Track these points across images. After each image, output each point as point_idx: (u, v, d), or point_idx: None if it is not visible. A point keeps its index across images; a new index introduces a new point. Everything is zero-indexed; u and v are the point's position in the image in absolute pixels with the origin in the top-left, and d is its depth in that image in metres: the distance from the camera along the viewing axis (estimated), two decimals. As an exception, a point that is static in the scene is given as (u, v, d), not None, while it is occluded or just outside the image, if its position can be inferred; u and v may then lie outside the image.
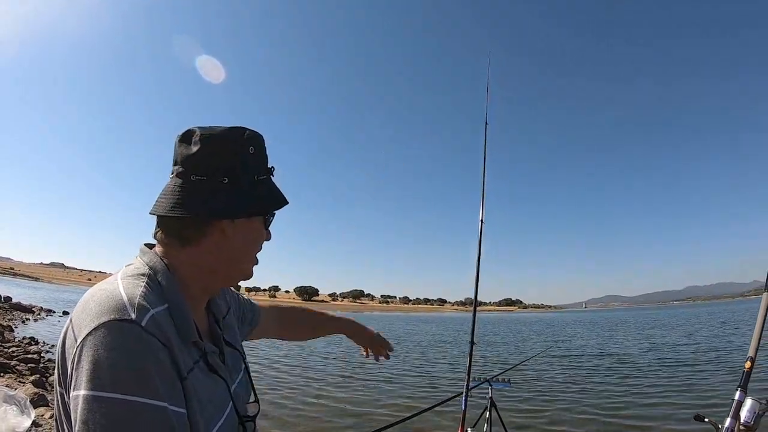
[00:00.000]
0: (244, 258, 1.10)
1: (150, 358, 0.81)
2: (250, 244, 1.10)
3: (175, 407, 0.83)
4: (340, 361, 12.65)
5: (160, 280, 0.96)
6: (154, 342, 0.83)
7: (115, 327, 0.81)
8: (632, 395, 7.65)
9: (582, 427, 5.82)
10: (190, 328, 0.96)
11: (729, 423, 1.63)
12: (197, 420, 0.90)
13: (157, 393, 0.80)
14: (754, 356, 1.71)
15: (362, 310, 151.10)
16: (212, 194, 1.00)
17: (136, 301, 0.86)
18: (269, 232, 1.15)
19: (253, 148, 1.05)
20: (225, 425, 1.00)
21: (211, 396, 0.98)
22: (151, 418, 0.78)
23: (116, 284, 0.91)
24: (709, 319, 35.60)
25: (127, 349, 0.80)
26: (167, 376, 0.83)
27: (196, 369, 0.94)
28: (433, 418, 5.72)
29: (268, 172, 1.10)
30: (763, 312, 1.76)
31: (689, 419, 1.78)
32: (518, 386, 8.50)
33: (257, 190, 1.05)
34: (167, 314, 0.91)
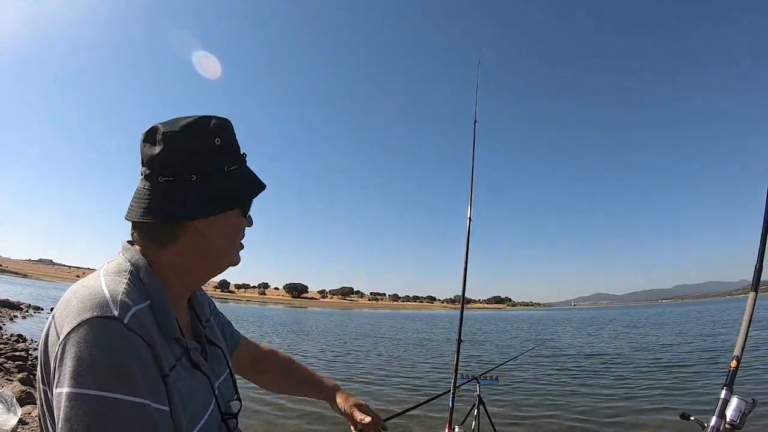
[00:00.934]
0: (225, 251, 1.08)
1: (132, 356, 0.81)
2: (230, 237, 1.07)
3: (158, 405, 0.83)
4: (330, 359, 12.63)
5: (142, 277, 0.95)
6: (137, 339, 0.83)
7: (97, 324, 0.80)
8: (619, 393, 7.70)
9: (568, 423, 5.85)
10: (172, 325, 0.95)
11: (715, 422, 1.64)
12: (180, 417, 0.89)
13: (139, 390, 0.79)
14: (740, 355, 1.72)
15: (351, 307, 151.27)
16: (182, 195, 0.97)
17: (118, 298, 0.85)
18: (250, 218, 1.13)
19: (220, 140, 1.02)
20: (208, 422, 1.00)
21: (194, 393, 0.97)
22: (132, 414, 0.78)
23: (98, 281, 0.90)
24: (698, 317, 35.88)
25: (110, 346, 0.79)
26: (149, 373, 0.83)
27: (178, 366, 0.94)
28: (422, 416, 5.72)
29: (239, 160, 1.06)
30: (750, 311, 1.77)
31: (675, 418, 1.78)
32: (506, 384, 8.54)
33: (228, 182, 1.02)
34: (149, 311, 0.91)
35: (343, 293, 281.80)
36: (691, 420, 1.72)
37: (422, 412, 5.53)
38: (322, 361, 11.79)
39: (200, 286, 1.17)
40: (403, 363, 12.06)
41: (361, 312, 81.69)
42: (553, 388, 8.25)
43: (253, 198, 1.09)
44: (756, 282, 1.79)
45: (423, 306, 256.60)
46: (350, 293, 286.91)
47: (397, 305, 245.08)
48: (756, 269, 1.80)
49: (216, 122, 1.02)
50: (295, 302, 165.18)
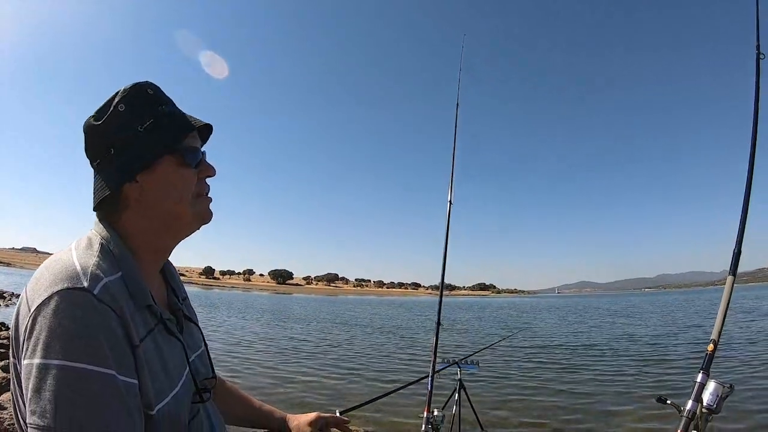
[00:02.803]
0: (176, 205, 1.05)
1: (101, 327, 0.82)
2: (173, 189, 1.05)
3: (125, 377, 0.84)
4: (313, 343, 12.62)
5: (112, 249, 0.97)
6: (106, 310, 0.84)
7: (67, 295, 0.82)
8: (598, 377, 7.80)
9: (548, 406, 5.90)
10: (144, 294, 0.96)
11: (691, 405, 1.63)
12: (149, 389, 0.90)
13: (107, 361, 0.81)
14: (717, 339, 1.71)
15: (336, 293, 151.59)
16: (110, 169, 1.01)
17: (89, 270, 0.87)
18: (209, 166, 1.12)
19: (123, 105, 1.03)
20: (180, 394, 1.00)
21: (166, 363, 0.98)
22: (100, 385, 0.79)
23: (70, 254, 0.92)
24: (684, 305, 36.33)
25: (79, 317, 0.80)
26: (118, 345, 0.84)
27: (149, 337, 0.95)
28: (402, 400, 5.74)
29: (154, 113, 1.05)
30: (727, 295, 1.76)
31: (652, 402, 1.77)
32: (487, 368, 8.60)
33: (145, 138, 1.03)
34: (121, 282, 0.92)
35: (329, 280, 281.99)
36: (668, 404, 1.71)
37: (403, 396, 5.56)
38: (306, 345, 11.74)
39: (170, 247, 1.13)
40: (387, 348, 12.08)
41: (346, 298, 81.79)
42: (535, 373, 8.32)
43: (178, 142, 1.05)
44: (734, 266, 1.78)
45: (408, 292, 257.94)
46: (335, 280, 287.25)
47: (382, 291, 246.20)
48: (734, 253, 1.79)
49: (121, 92, 1.04)
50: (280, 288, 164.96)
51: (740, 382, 6.95)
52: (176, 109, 1.10)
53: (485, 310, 41.24)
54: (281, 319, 21.41)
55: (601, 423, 5.17)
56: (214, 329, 14.98)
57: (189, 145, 1.07)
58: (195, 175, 1.08)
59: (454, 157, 3.44)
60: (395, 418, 5.18)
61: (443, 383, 5.63)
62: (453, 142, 3.46)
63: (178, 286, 1.22)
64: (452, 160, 3.44)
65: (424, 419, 3.00)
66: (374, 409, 5.35)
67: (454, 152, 3.44)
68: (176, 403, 0.99)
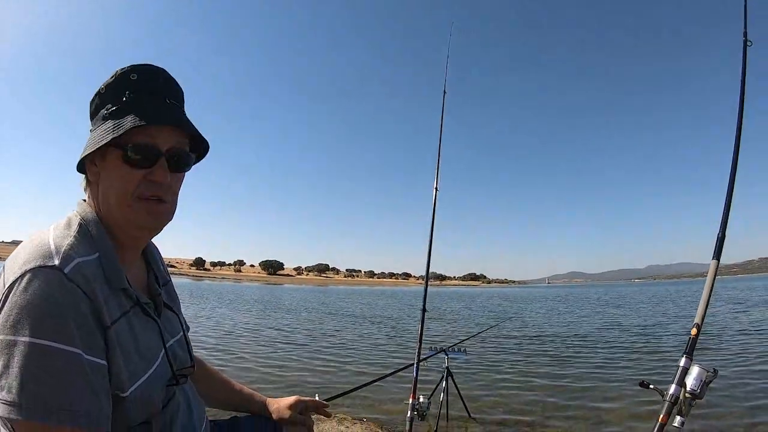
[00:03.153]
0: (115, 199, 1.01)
1: (70, 306, 0.84)
2: (113, 186, 1.01)
3: (92, 357, 0.85)
4: (301, 333, 12.62)
5: (91, 230, 0.99)
6: (76, 290, 0.85)
7: (39, 274, 0.83)
8: (587, 366, 7.87)
9: (536, 393, 5.95)
10: (119, 276, 0.97)
11: (674, 390, 1.63)
12: (121, 371, 0.92)
13: (73, 340, 0.82)
14: (700, 323, 1.71)
15: (327, 283, 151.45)
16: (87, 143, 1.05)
17: (62, 249, 0.89)
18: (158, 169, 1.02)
19: (104, 87, 1.05)
20: (154, 376, 1.01)
21: (139, 346, 0.99)
22: (64, 363, 0.81)
23: (47, 234, 0.94)
24: (674, 296, 36.58)
25: (47, 295, 0.82)
26: (86, 325, 0.86)
27: (122, 320, 0.96)
28: (390, 387, 5.76)
29: (118, 101, 1.03)
30: (711, 279, 1.76)
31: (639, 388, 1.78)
32: (474, 356, 8.65)
33: (104, 123, 1.03)
34: (97, 263, 0.94)
35: (319, 270, 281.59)
36: (651, 388, 1.72)
37: (391, 383, 5.58)
38: (294, 337, 11.74)
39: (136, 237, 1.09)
40: (375, 337, 12.10)
41: (336, 288, 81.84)
42: (523, 361, 8.38)
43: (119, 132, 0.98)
44: (718, 250, 1.79)
45: (398, 282, 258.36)
46: (326, 270, 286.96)
47: (372, 281, 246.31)
48: (718, 237, 1.79)
49: (113, 73, 1.05)
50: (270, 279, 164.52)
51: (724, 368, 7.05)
52: (150, 100, 1.04)
53: (475, 300, 41.43)
54: (271, 310, 21.37)
55: (589, 410, 5.22)
56: (204, 320, 14.94)
57: (137, 142, 1.00)
58: (139, 175, 1.01)
59: (441, 144, 3.47)
60: (382, 405, 5.20)
61: (431, 372, 5.68)
62: (439, 130, 3.47)
63: (159, 269, 1.23)
64: (438, 147, 3.47)
65: (409, 405, 3.01)
66: (362, 396, 5.36)
67: (441, 139, 3.48)
68: (150, 385, 1.00)
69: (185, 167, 1.12)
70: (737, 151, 1.93)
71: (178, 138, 1.07)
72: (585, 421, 4.78)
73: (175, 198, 1.11)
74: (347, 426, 3.96)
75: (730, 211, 1.83)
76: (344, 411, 4.71)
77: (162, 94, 1.06)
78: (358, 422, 4.11)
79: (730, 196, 1.85)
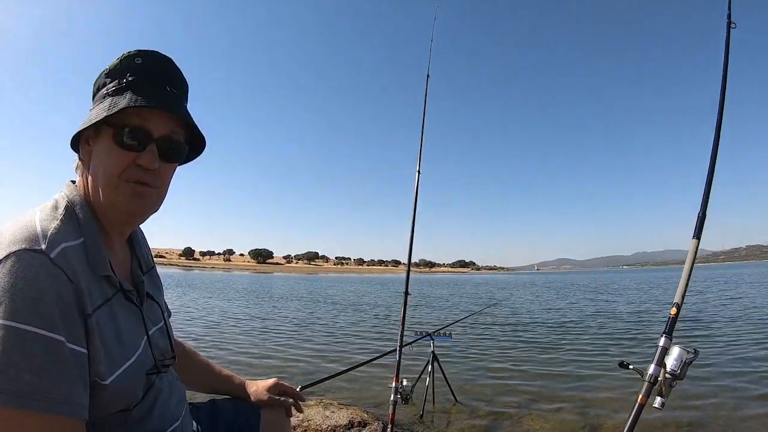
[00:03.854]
0: (103, 181, 1.00)
1: (53, 291, 0.82)
2: (103, 164, 1.00)
3: (73, 344, 0.84)
4: (289, 320, 12.63)
5: (78, 213, 0.97)
6: (60, 275, 0.84)
7: (23, 256, 0.82)
8: (573, 350, 7.96)
9: (520, 377, 6.02)
10: (102, 263, 0.96)
11: (653, 370, 1.62)
12: (100, 359, 0.90)
13: (55, 326, 0.81)
14: (680, 303, 1.70)
15: (317, 272, 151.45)
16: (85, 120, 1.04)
17: (48, 233, 0.87)
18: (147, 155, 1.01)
19: (108, 68, 1.05)
20: (135, 364, 1.00)
21: (121, 335, 0.98)
22: (46, 348, 0.79)
23: (33, 215, 0.92)
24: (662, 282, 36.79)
25: (31, 279, 0.80)
26: (68, 312, 0.84)
27: (104, 307, 0.94)
28: (376, 373, 5.80)
29: (118, 82, 1.03)
30: (691, 259, 1.75)
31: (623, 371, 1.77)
32: (461, 341, 8.72)
33: (100, 102, 1.03)
34: (81, 248, 0.92)
35: (309, 258, 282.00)
36: (630, 368, 1.70)
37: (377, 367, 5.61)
38: (282, 325, 11.75)
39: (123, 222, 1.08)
40: (363, 324, 12.15)
41: (326, 276, 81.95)
42: (510, 346, 8.46)
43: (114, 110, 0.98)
44: (698, 229, 1.77)
45: (388, 269, 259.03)
46: (316, 258, 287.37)
47: (362, 269, 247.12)
48: (699, 217, 1.78)
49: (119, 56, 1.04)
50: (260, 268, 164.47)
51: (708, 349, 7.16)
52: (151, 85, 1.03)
53: (463, 286, 41.68)
54: (260, 299, 21.38)
55: (574, 392, 5.28)
56: (192, 310, 14.91)
57: (130, 124, 1.00)
58: (129, 158, 1.00)
59: (423, 128, 3.48)
60: (368, 391, 5.23)
61: (419, 357, 5.70)
62: (423, 115, 3.50)
63: (143, 255, 1.21)
64: (421, 131, 3.48)
65: (392, 389, 3.01)
66: (347, 382, 5.39)
67: (424, 123, 3.48)
68: (130, 373, 0.98)
69: (177, 158, 1.10)
70: (719, 130, 1.91)
71: (173, 127, 1.07)
72: (570, 403, 4.83)
73: (164, 188, 1.10)
74: (333, 411, 3.96)
75: (711, 191, 1.82)
76: (330, 396, 4.72)
77: (164, 82, 1.05)
78: (344, 407, 4.11)
79: (711, 175, 1.83)
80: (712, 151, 1.85)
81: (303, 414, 3.81)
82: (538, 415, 4.44)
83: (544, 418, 4.38)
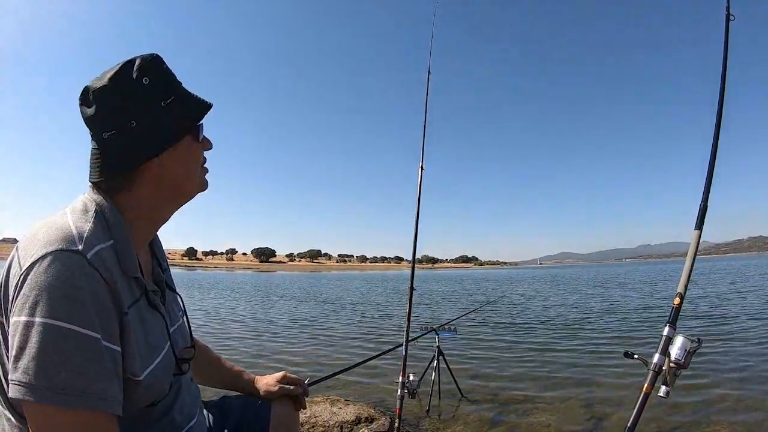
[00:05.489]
0: (188, 179, 1.12)
1: (90, 291, 0.84)
2: (189, 164, 1.11)
3: (109, 343, 0.86)
4: (294, 319, 12.65)
5: (107, 217, 0.98)
6: (96, 276, 0.86)
7: (61, 256, 0.83)
8: (579, 345, 7.93)
9: (525, 370, 6.03)
10: (133, 265, 0.99)
11: (657, 359, 1.64)
12: (134, 358, 0.93)
13: (93, 324, 0.83)
14: (683, 292, 1.72)
15: (319, 269, 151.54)
16: (128, 143, 1.00)
17: (85, 234, 0.89)
18: (207, 140, 1.16)
19: (147, 78, 1.02)
20: (161, 364, 1.04)
21: (148, 335, 1.01)
22: (84, 346, 0.81)
23: (66, 218, 0.93)
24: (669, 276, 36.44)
25: (69, 278, 0.82)
26: (104, 310, 0.86)
27: (134, 307, 0.98)
28: (382, 369, 5.83)
29: (174, 90, 1.07)
30: (693, 250, 1.77)
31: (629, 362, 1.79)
32: (466, 336, 8.72)
33: (169, 115, 1.04)
34: (112, 250, 0.94)
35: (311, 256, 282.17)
36: (635, 358, 1.73)
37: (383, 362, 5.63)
38: (286, 323, 11.76)
39: (166, 219, 1.17)
40: (364, 322, 12.11)
41: (329, 274, 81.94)
42: (514, 341, 8.44)
43: (198, 121, 1.10)
44: (700, 220, 1.79)
45: (391, 266, 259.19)
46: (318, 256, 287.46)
47: (365, 266, 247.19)
48: (700, 208, 1.80)
49: (140, 63, 1.02)
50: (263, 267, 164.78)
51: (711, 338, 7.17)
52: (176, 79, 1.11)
53: (465, 282, 41.68)
54: (263, 297, 21.40)
55: (580, 383, 5.30)
56: (195, 309, 14.93)
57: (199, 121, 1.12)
58: (201, 149, 1.15)
59: (426, 123, 3.49)
60: (374, 387, 5.25)
61: (424, 352, 5.72)
62: (424, 109, 3.51)
63: (162, 256, 1.26)
64: (423, 126, 3.50)
65: (399, 384, 3.04)
66: (354, 378, 5.41)
67: (425, 119, 3.50)
68: (161, 369, 1.03)
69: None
70: (719, 123, 1.93)
71: None
72: (576, 394, 4.85)
73: None
74: (340, 407, 3.98)
75: (713, 182, 1.84)
76: (336, 393, 4.74)
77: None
78: (351, 403, 4.13)
79: (712, 167, 1.85)
80: (713, 142, 1.87)
81: (310, 411, 3.84)
82: (543, 407, 4.46)
83: (549, 409, 4.40)
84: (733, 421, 3.93)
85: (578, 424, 4.06)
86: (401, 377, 3.05)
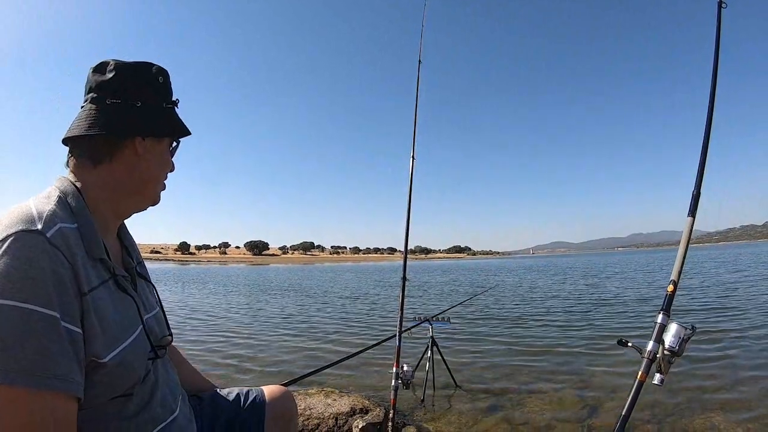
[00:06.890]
0: (153, 179, 1.18)
1: (50, 270, 0.85)
2: (159, 166, 1.18)
3: (68, 323, 0.86)
4: (286, 311, 12.64)
5: (70, 202, 1.00)
6: (57, 254, 0.87)
7: (20, 237, 0.85)
8: (573, 334, 7.98)
9: (519, 360, 6.07)
10: (98, 246, 1.01)
11: (652, 346, 1.64)
12: (98, 338, 0.93)
13: (50, 302, 0.83)
14: (676, 280, 1.71)
15: (313, 261, 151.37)
16: (127, 115, 1.10)
17: (44, 214, 0.91)
18: (173, 163, 1.24)
19: (162, 78, 1.17)
20: (131, 347, 1.02)
21: (116, 317, 1.01)
22: (43, 325, 0.81)
23: (28, 203, 0.96)
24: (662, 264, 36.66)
25: (28, 258, 0.83)
26: (64, 290, 0.86)
27: (101, 288, 0.98)
28: (375, 360, 5.85)
29: (173, 103, 1.21)
30: (686, 236, 1.76)
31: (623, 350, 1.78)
32: (459, 326, 8.76)
33: (166, 114, 1.18)
34: (76, 232, 0.96)
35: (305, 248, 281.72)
36: (629, 346, 1.72)
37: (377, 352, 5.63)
38: (279, 316, 11.74)
39: (126, 215, 1.21)
40: (359, 313, 12.11)
41: (322, 266, 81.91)
42: (508, 331, 8.48)
43: (181, 137, 1.24)
44: (693, 207, 1.79)
45: (384, 257, 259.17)
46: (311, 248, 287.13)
47: (358, 258, 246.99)
48: (693, 195, 1.79)
49: (158, 66, 1.18)
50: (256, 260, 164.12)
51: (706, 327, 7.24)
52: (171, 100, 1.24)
53: (459, 271, 41.83)
54: (256, 290, 21.39)
55: (573, 372, 5.34)
56: (187, 303, 14.91)
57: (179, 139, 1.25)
58: (169, 165, 1.23)
59: (416, 113, 3.46)
60: (368, 378, 5.26)
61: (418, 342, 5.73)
62: (415, 101, 3.47)
63: (132, 247, 1.26)
64: (414, 116, 3.46)
65: (393, 374, 3.03)
66: (348, 369, 5.43)
67: (416, 109, 3.46)
68: (130, 353, 1.01)
69: None
70: (711, 109, 1.92)
71: None
72: (570, 383, 4.89)
73: None
74: (334, 399, 3.98)
75: (705, 169, 1.83)
76: (331, 384, 4.75)
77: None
78: (345, 395, 4.13)
79: (704, 153, 1.84)
80: (705, 130, 1.86)
81: (304, 403, 3.84)
82: (537, 397, 4.49)
83: (544, 398, 4.43)
84: (727, 409, 3.97)
85: (573, 412, 4.09)
86: (395, 368, 3.05)
